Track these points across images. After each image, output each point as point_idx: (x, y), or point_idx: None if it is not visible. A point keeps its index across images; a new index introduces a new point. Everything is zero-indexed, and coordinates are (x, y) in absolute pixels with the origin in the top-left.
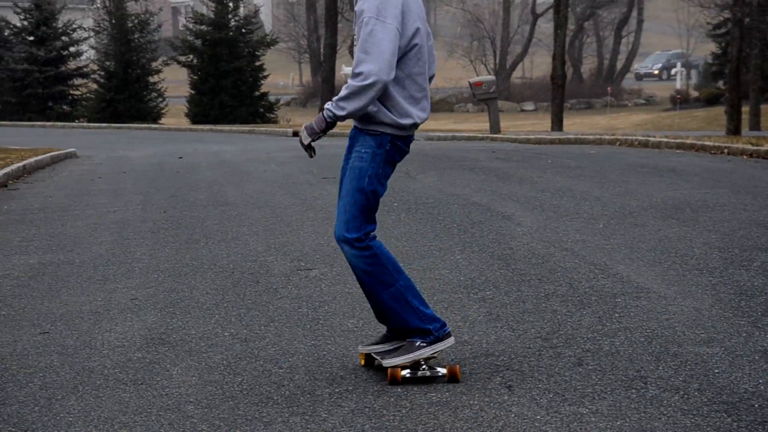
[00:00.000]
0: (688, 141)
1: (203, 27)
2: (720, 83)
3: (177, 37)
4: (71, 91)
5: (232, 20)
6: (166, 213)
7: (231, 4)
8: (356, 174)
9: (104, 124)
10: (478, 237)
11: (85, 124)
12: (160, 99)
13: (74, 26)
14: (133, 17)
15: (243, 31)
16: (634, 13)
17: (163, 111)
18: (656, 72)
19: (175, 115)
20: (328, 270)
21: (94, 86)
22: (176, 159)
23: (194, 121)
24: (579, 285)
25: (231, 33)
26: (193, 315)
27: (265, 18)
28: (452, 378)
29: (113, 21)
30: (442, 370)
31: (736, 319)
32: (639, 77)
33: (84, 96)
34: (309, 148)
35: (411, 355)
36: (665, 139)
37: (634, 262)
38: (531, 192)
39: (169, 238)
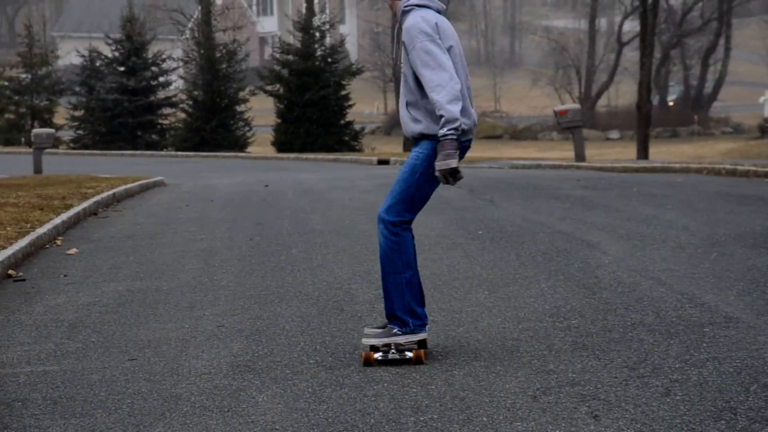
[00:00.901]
0: None
1: (290, 57)
2: None
3: (264, 66)
4: (160, 121)
5: (319, 50)
6: (252, 240)
7: (317, 34)
8: (410, 169)
9: (191, 153)
10: (564, 265)
11: (173, 152)
12: (247, 128)
13: (164, 57)
14: (221, 47)
15: (329, 60)
16: (722, 41)
17: (249, 140)
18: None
19: (262, 143)
20: None
21: (182, 115)
22: (262, 187)
23: (280, 150)
24: (666, 314)
25: (317, 62)
26: (279, 342)
27: (351, 47)
28: (418, 361)
29: (201, 51)
30: (410, 354)
31: None
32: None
33: (172, 125)
34: (457, 172)
35: (385, 339)
36: (754, 168)
37: (722, 292)
38: (616, 220)
39: (255, 265)
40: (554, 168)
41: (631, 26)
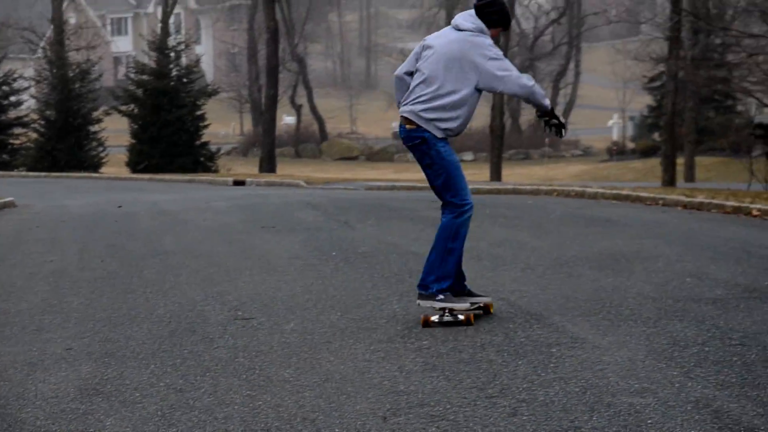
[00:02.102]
0: (624, 192)
1: (144, 76)
2: (656, 135)
3: (118, 86)
4: (11, 141)
5: (174, 70)
6: (104, 262)
7: (172, 54)
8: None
9: (44, 173)
10: (416, 286)
11: (24, 173)
12: (101, 148)
13: (15, 76)
14: (75, 67)
15: (184, 80)
16: (572, 65)
17: (103, 160)
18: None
19: (116, 164)
20: (266, 319)
21: (35, 135)
22: (115, 208)
23: (134, 170)
24: (515, 335)
25: (172, 83)
26: (129, 365)
27: (207, 68)
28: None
29: (54, 70)
30: (461, 317)
31: (669, 369)
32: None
33: (24, 145)
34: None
35: (442, 304)
36: (602, 190)
37: (570, 312)
38: (468, 242)
39: (106, 287)
40: (409, 189)
41: None
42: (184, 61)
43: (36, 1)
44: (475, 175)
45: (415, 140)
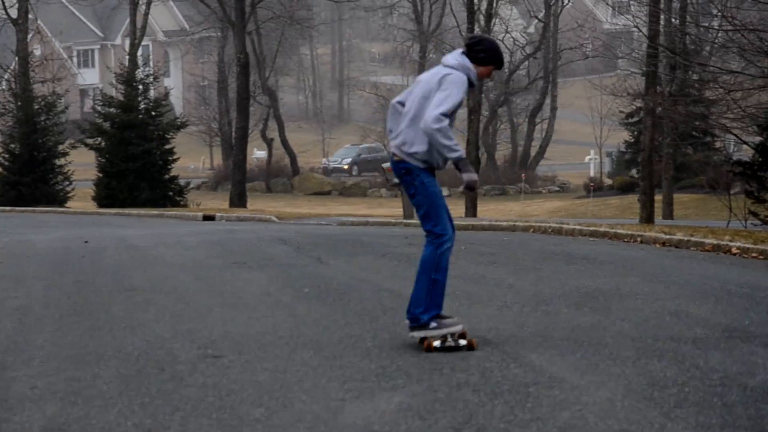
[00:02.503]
0: (602, 229)
1: (112, 109)
2: (633, 171)
3: (85, 119)
4: None
5: (142, 103)
6: (70, 299)
7: (141, 87)
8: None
9: (8, 208)
10: (390, 324)
11: None
12: (67, 182)
13: None
14: (40, 99)
15: (153, 113)
16: (548, 101)
17: (69, 194)
18: (345, 167)
19: (82, 198)
20: (236, 358)
21: None
22: (82, 243)
23: (101, 205)
24: (491, 374)
25: (140, 116)
26: (95, 404)
27: (176, 101)
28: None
29: (19, 103)
30: (463, 342)
31: (649, 410)
32: (328, 172)
33: None
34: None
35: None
36: (579, 227)
37: (547, 351)
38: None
39: (73, 324)
40: (382, 225)
41: None
42: (152, 93)
43: (0, 32)
44: (450, 210)
45: (401, 171)
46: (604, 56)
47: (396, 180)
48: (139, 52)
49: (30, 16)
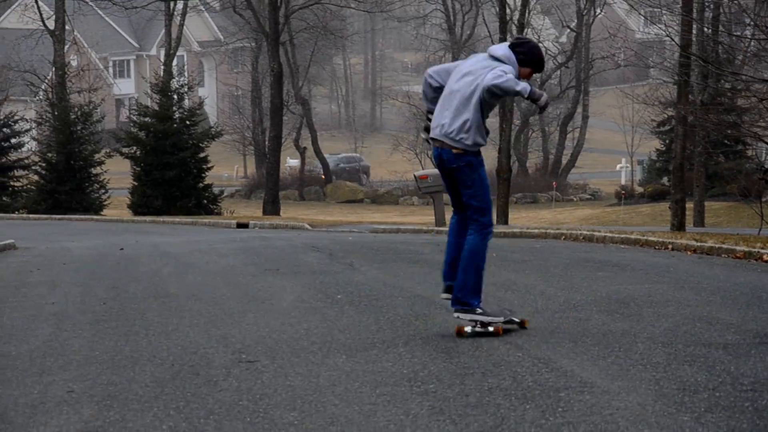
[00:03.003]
0: (633, 236)
1: (147, 119)
2: (665, 179)
3: (120, 128)
4: (12, 183)
5: (177, 112)
6: (106, 305)
7: (176, 97)
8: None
9: (45, 216)
10: (422, 330)
11: (25, 215)
12: (102, 190)
13: (16, 118)
14: (76, 109)
15: (187, 123)
16: (580, 109)
17: (105, 202)
18: (322, 176)
19: (118, 206)
20: (270, 362)
21: (36, 177)
22: (117, 251)
23: (136, 213)
24: (522, 379)
25: (175, 125)
26: (131, 408)
27: (210, 110)
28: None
29: (56, 113)
30: (492, 328)
31: (680, 414)
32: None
33: (25, 187)
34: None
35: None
36: (610, 234)
37: (578, 356)
38: None
39: (108, 330)
40: (414, 233)
41: None
42: (187, 103)
43: (37, 43)
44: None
45: (462, 163)
46: (636, 65)
47: (430, 185)
48: (174, 63)
49: (67, 27)
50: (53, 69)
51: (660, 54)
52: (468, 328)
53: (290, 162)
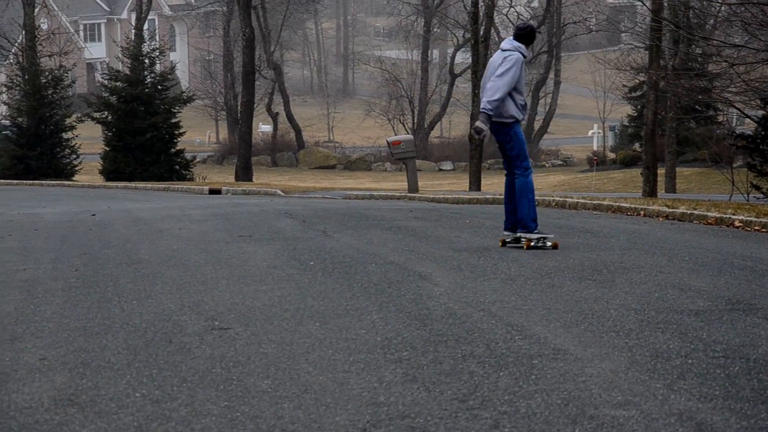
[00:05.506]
0: (605, 202)
1: (118, 83)
2: (636, 145)
3: (92, 93)
4: None
5: (148, 77)
6: (78, 271)
7: (147, 61)
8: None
9: (16, 181)
10: (395, 297)
11: None
12: (74, 156)
13: None
14: (47, 73)
15: (159, 87)
16: (552, 75)
17: (77, 168)
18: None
19: (90, 172)
20: (243, 330)
21: (6, 142)
22: (89, 216)
23: (108, 178)
24: (496, 346)
25: (147, 89)
26: (104, 375)
27: (182, 75)
28: (554, 247)
29: (26, 77)
30: (549, 243)
31: (652, 381)
32: None
33: None
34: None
35: (529, 235)
36: (582, 201)
37: (551, 323)
38: (448, 252)
39: (81, 296)
40: (387, 199)
41: (464, 58)
42: (158, 68)
43: (7, 6)
44: (454, 184)
45: (498, 128)
46: (607, 30)
47: (403, 151)
48: (146, 27)
49: None
50: (23, 32)
51: (631, 19)
52: (532, 243)
53: (262, 128)
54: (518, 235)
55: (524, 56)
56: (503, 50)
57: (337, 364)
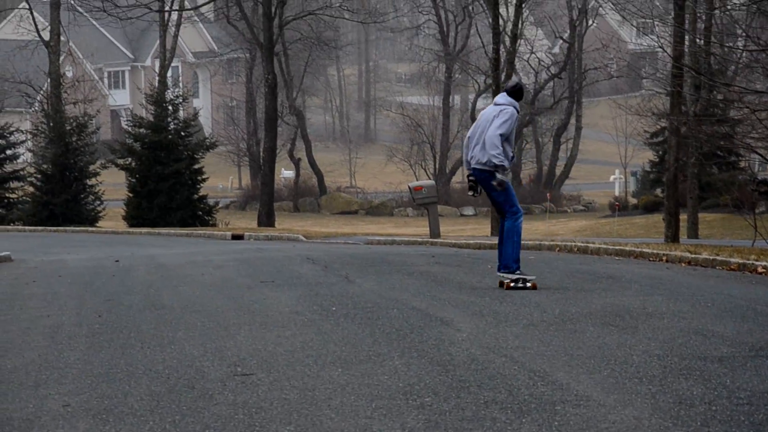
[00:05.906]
0: (627, 248)
1: (142, 130)
2: (658, 191)
3: (116, 139)
4: (7, 194)
5: (172, 123)
6: (101, 317)
7: (170, 108)
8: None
9: (40, 227)
10: (417, 342)
11: (20, 227)
12: (98, 202)
13: (11, 129)
14: (72, 120)
15: (182, 134)
16: (573, 120)
17: (100, 214)
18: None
19: (113, 218)
20: (265, 375)
21: (31, 189)
22: (113, 262)
23: (132, 224)
24: (518, 392)
25: (170, 136)
26: (127, 422)
27: (205, 121)
28: (533, 287)
29: (51, 124)
30: (529, 284)
31: (676, 428)
32: None
33: (20, 199)
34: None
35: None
36: (604, 246)
37: (574, 369)
38: (470, 297)
39: (104, 342)
40: (409, 244)
41: (485, 103)
42: (181, 114)
43: (33, 54)
44: (476, 230)
45: (486, 176)
46: (628, 76)
47: (425, 197)
48: (169, 73)
49: (62, 38)
50: (48, 80)
51: (652, 65)
52: (512, 283)
53: (285, 173)
54: (499, 274)
55: (517, 111)
56: (497, 104)
57: (359, 410)
